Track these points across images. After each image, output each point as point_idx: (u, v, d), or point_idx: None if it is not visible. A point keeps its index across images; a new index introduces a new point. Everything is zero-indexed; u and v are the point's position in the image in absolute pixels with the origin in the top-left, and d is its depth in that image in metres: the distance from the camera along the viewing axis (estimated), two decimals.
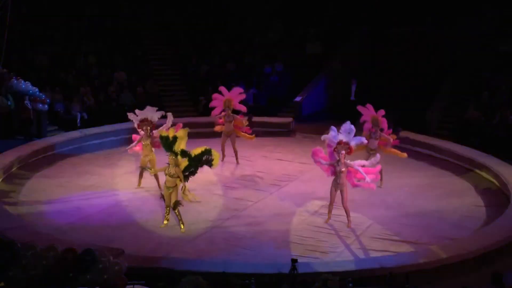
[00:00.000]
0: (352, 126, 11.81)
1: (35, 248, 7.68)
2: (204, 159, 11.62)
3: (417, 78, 21.64)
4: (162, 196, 11.88)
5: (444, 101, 20.20)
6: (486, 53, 21.09)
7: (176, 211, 11.67)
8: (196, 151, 11.62)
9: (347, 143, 11.64)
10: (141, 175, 13.85)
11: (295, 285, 8.24)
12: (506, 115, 17.71)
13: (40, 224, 11.91)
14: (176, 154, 11.47)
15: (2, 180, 14.27)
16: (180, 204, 11.69)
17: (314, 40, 23.68)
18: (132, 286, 7.92)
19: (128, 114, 13.85)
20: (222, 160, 15.54)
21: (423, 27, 22.63)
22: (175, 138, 11.59)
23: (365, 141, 12.39)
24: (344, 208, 11.93)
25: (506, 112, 17.80)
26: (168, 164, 11.53)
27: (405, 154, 14.31)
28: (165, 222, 11.93)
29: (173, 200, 11.61)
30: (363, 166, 11.70)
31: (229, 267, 9.58)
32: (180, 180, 11.59)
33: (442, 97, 20.24)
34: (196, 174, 11.80)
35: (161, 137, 11.78)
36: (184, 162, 11.57)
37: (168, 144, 11.55)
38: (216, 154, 11.85)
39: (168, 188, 11.62)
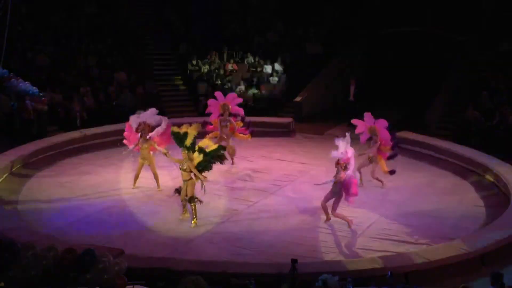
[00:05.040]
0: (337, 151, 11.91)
1: (35, 248, 7.68)
2: (216, 155, 12.08)
3: (417, 78, 21.65)
4: (177, 191, 12.20)
5: (444, 101, 20.20)
6: (486, 53, 21.10)
7: (192, 205, 11.93)
8: (211, 147, 12.08)
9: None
10: (136, 176, 13.89)
11: (295, 285, 8.24)
12: (506, 115, 17.71)
13: (40, 224, 11.92)
14: (188, 149, 11.82)
15: (2, 180, 14.27)
16: (198, 200, 11.97)
17: (314, 40, 23.69)
18: (132, 286, 7.92)
19: (131, 117, 13.85)
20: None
21: (423, 27, 22.64)
22: (185, 134, 11.91)
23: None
24: (334, 215, 11.97)
25: (505, 112, 17.80)
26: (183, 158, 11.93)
27: (386, 171, 14.22)
28: (185, 214, 12.20)
29: (189, 194, 11.93)
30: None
31: (229, 267, 9.59)
32: (196, 176, 11.92)
33: (442, 97, 20.24)
34: (211, 169, 12.11)
35: (173, 133, 12.14)
36: (198, 158, 11.90)
37: (179, 138, 11.94)
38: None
39: (184, 181, 11.98)
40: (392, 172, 14.21)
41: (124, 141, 13.96)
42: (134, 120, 13.66)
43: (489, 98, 19.10)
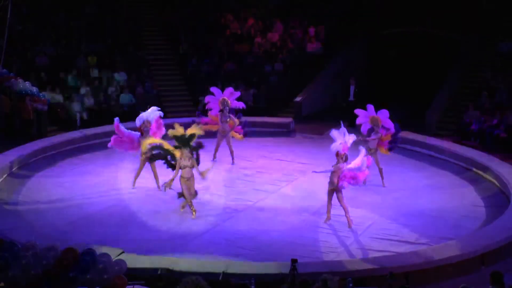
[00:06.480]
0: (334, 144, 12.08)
1: (35, 248, 7.69)
2: (193, 144, 12.38)
3: (417, 78, 21.66)
4: (181, 195, 12.48)
5: (444, 101, 20.20)
6: (486, 53, 21.10)
7: (187, 200, 12.32)
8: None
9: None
10: (137, 175, 13.91)
11: (295, 285, 8.24)
12: (506, 115, 17.71)
13: (40, 224, 11.92)
14: (191, 148, 12.28)
15: (2, 180, 14.28)
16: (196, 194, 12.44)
17: (314, 40, 23.69)
18: (132, 286, 7.93)
19: (138, 118, 13.94)
20: (214, 159, 15.78)
21: (423, 27, 22.64)
22: (192, 135, 12.32)
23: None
24: (342, 206, 11.98)
25: (505, 112, 17.80)
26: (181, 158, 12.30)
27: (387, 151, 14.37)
28: (194, 213, 12.37)
29: (192, 190, 12.31)
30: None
31: (229, 267, 9.60)
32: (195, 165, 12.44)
33: (442, 97, 20.25)
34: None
35: (177, 138, 12.40)
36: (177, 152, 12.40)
37: (185, 140, 12.29)
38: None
39: (187, 179, 12.27)
40: (391, 148, 14.24)
41: (123, 146, 13.98)
42: (138, 119, 13.79)
43: (489, 98, 19.11)
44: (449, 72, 21.09)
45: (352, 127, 15.47)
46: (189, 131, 12.45)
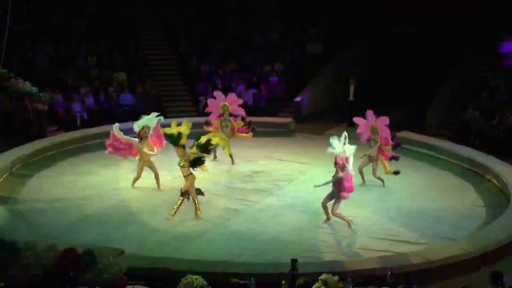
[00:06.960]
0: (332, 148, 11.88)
1: (35, 248, 7.68)
2: (207, 147, 12.34)
3: (417, 78, 21.66)
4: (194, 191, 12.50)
5: (444, 101, 20.20)
6: (486, 53, 21.10)
7: (181, 198, 12.23)
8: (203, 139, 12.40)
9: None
10: (136, 179, 13.89)
11: (295, 285, 8.24)
12: (506, 115, 17.71)
13: (40, 224, 11.93)
14: (183, 147, 12.18)
15: (2, 180, 14.28)
16: (193, 196, 12.31)
17: (314, 40, 23.71)
18: (132, 286, 7.93)
19: (135, 123, 13.89)
20: (214, 159, 15.75)
21: (423, 27, 22.65)
22: (179, 134, 12.21)
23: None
24: (334, 215, 11.92)
25: (505, 112, 17.80)
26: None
27: (390, 171, 14.20)
28: (173, 212, 12.27)
29: (184, 188, 12.25)
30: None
31: (229, 267, 9.60)
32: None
33: (442, 97, 20.25)
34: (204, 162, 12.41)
35: (166, 135, 12.45)
36: (193, 154, 12.22)
37: (174, 139, 12.22)
38: (220, 136, 12.82)
39: (185, 177, 12.29)
40: (396, 172, 14.14)
41: (121, 153, 13.92)
42: (136, 125, 13.73)
43: (489, 98, 19.11)
44: (449, 72, 21.08)
45: (352, 126, 15.48)
46: (179, 129, 12.40)
